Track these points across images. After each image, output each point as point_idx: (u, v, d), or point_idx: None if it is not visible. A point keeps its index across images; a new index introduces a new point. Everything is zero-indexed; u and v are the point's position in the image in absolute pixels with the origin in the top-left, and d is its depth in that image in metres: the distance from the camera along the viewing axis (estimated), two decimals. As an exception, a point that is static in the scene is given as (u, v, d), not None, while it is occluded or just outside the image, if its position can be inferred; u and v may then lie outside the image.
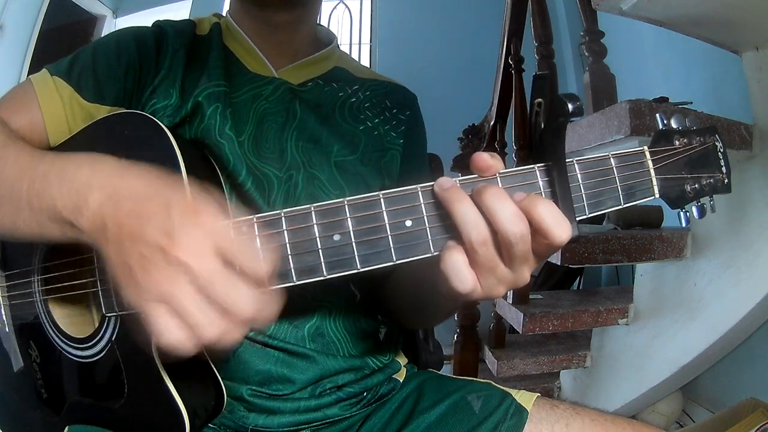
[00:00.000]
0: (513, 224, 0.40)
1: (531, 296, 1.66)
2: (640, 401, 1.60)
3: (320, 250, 0.42)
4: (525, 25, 1.88)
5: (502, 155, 1.98)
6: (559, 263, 1.39)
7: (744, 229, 1.30)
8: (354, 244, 0.42)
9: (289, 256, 0.42)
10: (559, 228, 0.40)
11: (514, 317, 1.56)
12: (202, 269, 0.36)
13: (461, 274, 0.41)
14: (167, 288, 0.36)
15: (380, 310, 0.72)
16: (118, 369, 0.53)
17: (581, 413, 0.61)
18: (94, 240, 0.41)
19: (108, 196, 0.40)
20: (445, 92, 3.14)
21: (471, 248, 0.41)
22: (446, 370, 1.00)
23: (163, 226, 0.37)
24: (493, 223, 0.40)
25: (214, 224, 0.38)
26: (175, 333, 0.36)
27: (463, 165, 1.99)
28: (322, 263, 0.43)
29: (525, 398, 0.63)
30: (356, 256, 0.43)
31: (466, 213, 0.40)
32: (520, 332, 1.54)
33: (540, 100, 0.44)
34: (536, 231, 0.40)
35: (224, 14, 0.75)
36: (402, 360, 0.75)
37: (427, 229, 0.43)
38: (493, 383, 0.66)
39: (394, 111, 0.75)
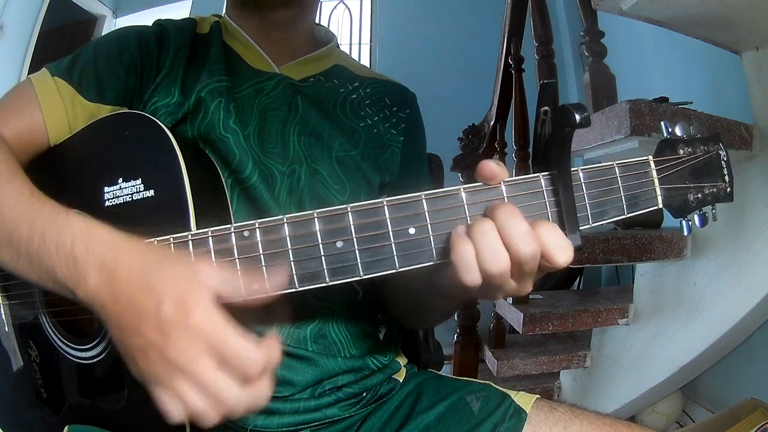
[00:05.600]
0: (525, 243, 0.40)
1: (531, 296, 1.66)
2: (640, 401, 1.60)
3: (323, 257, 0.42)
4: (525, 25, 1.88)
5: (502, 155, 1.97)
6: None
7: (744, 230, 1.30)
8: (357, 251, 0.42)
9: (292, 263, 0.42)
10: (560, 252, 0.41)
11: (514, 317, 1.55)
12: (194, 371, 0.38)
13: (471, 267, 0.41)
14: (166, 380, 0.38)
15: (380, 309, 0.72)
16: (118, 370, 0.53)
17: (580, 416, 0.61)
18: (95, 313, 0.42)
19: (105, 281, 0.41)
20: (445, 92, 3.13)
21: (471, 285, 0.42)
22: (446, 370, 1.00)
23: (157, 324, 0.38)
24: (506, 242, 0.40)
25: (206, 325, 0.38)
26: (178, 411, 0.38)
27: (463, 165, 1.98)
28: (325, 270, 0.42)
29: (524, 400, 0.63)
30: (359, 263, 0.42)
31: (467, 255, 0.41)
32: (520, 332, 1.54)
33: (546, 108, 0.44)
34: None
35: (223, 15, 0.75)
36: (402, 360, 0.75)
37: (431, 237, 0.43)
38: (493, 384, 0.67)
39: (394, 109, 0.75)
